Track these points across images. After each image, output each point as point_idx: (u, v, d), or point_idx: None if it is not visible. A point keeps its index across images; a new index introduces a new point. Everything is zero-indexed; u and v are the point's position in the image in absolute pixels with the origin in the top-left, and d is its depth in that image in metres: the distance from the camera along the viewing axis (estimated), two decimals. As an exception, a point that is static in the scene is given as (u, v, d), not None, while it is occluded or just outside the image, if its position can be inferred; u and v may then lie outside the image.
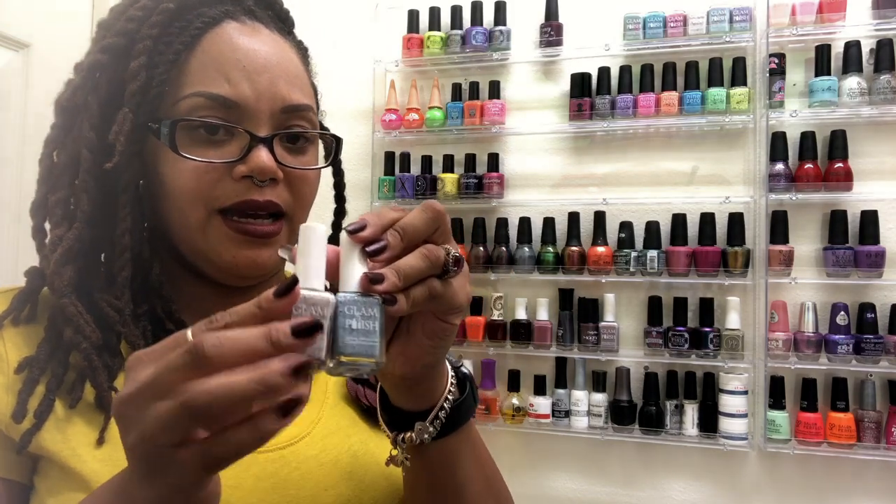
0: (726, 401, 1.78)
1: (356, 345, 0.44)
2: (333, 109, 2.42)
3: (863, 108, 1.73)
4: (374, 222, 0.48)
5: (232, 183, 0.61)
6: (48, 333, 0.61)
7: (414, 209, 0.50)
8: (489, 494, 0.64)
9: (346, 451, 0.65)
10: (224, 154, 0.61)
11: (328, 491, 0.62)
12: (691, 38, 1.86)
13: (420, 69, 2.13)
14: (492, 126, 2.03)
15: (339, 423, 0.67)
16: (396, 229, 0.48)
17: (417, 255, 0.47)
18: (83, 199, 0.62)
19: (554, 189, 2.02)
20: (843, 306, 1.73)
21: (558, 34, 1.98)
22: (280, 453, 0.61)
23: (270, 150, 0.62)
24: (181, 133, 0.61)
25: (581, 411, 1.90)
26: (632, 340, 1.93)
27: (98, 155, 0.62)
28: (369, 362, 0.45)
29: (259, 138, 0.61)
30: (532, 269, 1.96)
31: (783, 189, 1.78)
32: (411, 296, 0.47)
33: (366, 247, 0.47)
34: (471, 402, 0.59)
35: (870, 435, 1.69)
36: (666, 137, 1.94)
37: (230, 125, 0.61)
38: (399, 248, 0.47)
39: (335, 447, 0.65)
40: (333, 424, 0.66)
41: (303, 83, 0.69)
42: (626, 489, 1.93)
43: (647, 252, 1.86)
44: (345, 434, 0.66)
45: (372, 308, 0.45)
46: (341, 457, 0.65)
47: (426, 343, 0.52)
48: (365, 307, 0.45)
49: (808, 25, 1.78)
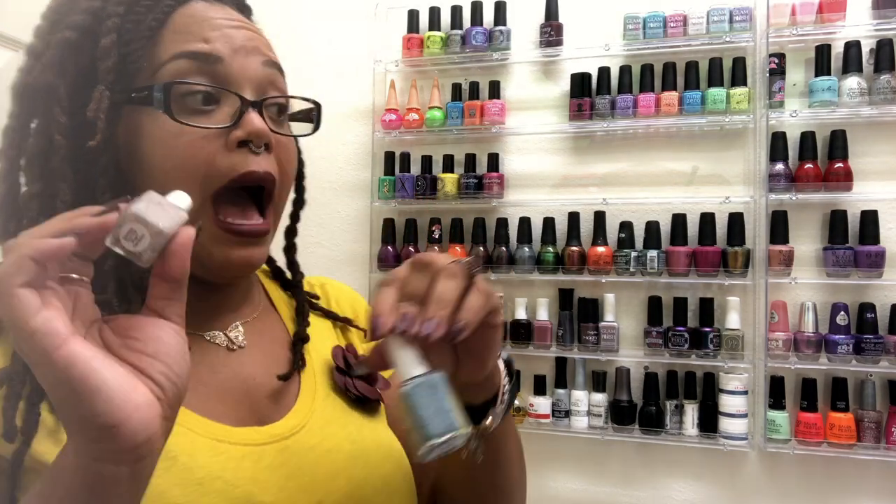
0: (726, 401, 1.78)
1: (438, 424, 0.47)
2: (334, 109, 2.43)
3: (863, 108, 1.73)
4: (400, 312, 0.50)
5: (227, 155, 0.59)
6: None
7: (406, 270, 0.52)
8: (523, 466, 0.73)
9: (345, 438, 0.66)
10: (213, 122, 0.59)
11: (339, 476, 0.63)
12: (691, 38, 1.86)
13: (420, 69, 2.13)
14: (492, 126, 2.03)
15: (333, 412, 0.67)
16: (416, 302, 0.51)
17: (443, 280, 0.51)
18: (62, 189, 0.58)
19: (554, 189, 2.02)
20: (843, 306, 1.73)
21: (558, 34, 1.98)
22: (284, 443, 0.62)
23: (261, 115, 0.60)
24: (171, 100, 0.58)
25: (581, 411, 1.90)
26: (632, 340, 1.93)
27: (73, 139, 0.58)
28: (458, 435, 0.47)
29: (250, 102, 0.60)
30: (532, 269, 1.96)
31: (783, 189, 1.78)
32: (462, 320, 0.50)
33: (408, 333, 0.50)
34: (517, 382, 0.63)
35: (870, 435, 1.69)
36: (666, 137, 1.94)
37: (221, 88, 0.59)
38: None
39: (334, 435, 0.66)
40: (328, 414, 0.67)
41: (274, 51, 0.67)
42: (626, 489, 1.93)
43: (647, 252, 1.86)
44: (340, 423, 0.67)
45: (434, 384, 0.48)
46: (342, 444, 0.65)
47: (483, 349, 0.55)
48: (428, 387, 0.48)
49: (808, 25, 1.78)
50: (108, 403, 0.40)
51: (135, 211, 0.43)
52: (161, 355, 0.44)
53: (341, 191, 2.22)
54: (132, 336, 0.44)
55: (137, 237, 0.44)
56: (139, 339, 0.44)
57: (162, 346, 0.44)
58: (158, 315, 0.45)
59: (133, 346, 0.44)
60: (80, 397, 0.39)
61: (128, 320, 0.45)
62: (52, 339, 0.39)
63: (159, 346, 0.44)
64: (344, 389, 0.70)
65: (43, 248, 0.40)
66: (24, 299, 0.39)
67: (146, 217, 0.44)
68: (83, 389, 0.39)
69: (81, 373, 0.39)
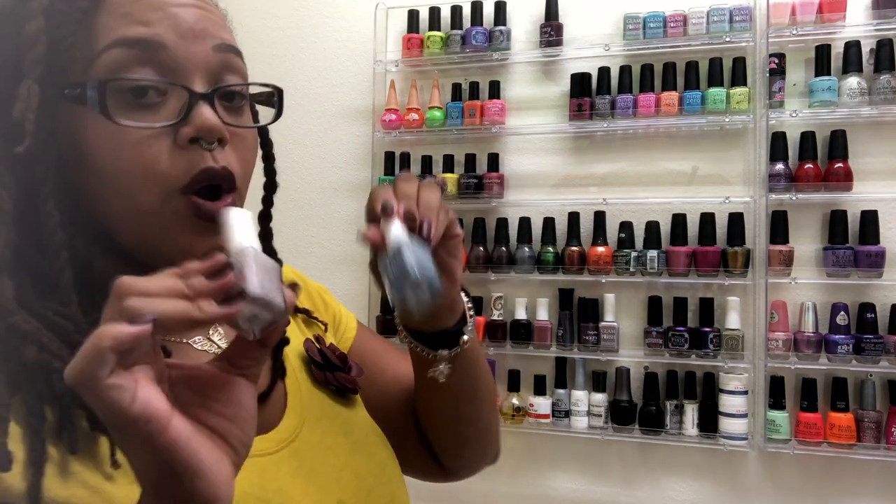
0: (726, 401, 1.78)
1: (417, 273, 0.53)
2: (333, 109, 2.43)
3: (863, 108, 1.73)
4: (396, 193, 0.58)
5: (178, 153, 0.52)
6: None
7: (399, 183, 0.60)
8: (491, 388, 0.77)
9: (339, 432, 0.66)
10: (159, 118, 0.52)
11: (345, 470, 0.63)
12: (691, 38, 1.86)
13: (420, 69, 2.13)
14: (492, 126, 2.03)
15: (321, 406, 0.67)
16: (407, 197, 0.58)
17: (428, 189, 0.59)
18: (2, 196, 0.51)
19: (554, 189, 2.02)
20: (843, 306, 1.73)
21: (558, 34, 1.98)
22: (293, 447, 0.61)
23: (212, 108, 0.53)
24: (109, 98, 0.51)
25: (581, 411, 1.90)
26: (632, 340, 1.93)
27: (4, 141, 0.51)
28: (435, 284, 0.53)
29: (198, 94, 0.53)
30: (532, 269, 1.96)
31: (783, 189, 1.78)
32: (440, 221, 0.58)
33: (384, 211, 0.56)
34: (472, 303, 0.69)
35: (870, 435, 1.69)
36: (666, 137, 1.94)
37: (166, 82, 0.52)
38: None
39: (329, 428, 0.65)
40: (317, 409, 0.66)
41: (230, 30, 0.59)
42: (626, 489, 1.93)
43: (647, 252, 1.86)
44: (329, 416, 0.67)
45: (419, 247, 0.54)
46: (338, 438, 0.65)
47: (453, 259, 0.62)
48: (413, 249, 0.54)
49: (808, 25, 1.78)
50: (206, 483, 0.39)
51: (258, 293, 0.41)
52: (239, 420, 0.42)
53: (341, 191, 2.22)
54: (211, 396, 0.42)
55: (259, 320, 0.42)
56: (218, 401, 0.42)
57: (241, 411, 0.43)
58: (242, 375, 0.43)
59: (213, 407, 0.42)
60: (181, 479, 0.38)
61: (207, 376, 0.43)
62: (155, 425, 0.37)
63: (238, 411, 0.43)
64: (324, 383, 0.69)
65: (119, 339, 0.37)
66: (115, 392, 0.36)
67: (269, 299, 0.41)
68: (185, 471, 0.38)
69: (184, 457, 0.38)
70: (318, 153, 2.25)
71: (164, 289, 0.40)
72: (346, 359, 0.72)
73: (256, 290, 0.41)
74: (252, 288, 0.41)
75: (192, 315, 0.39)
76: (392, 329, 2.03)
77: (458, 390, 0.69)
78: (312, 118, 2.25)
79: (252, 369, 0.44)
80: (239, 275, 0.41)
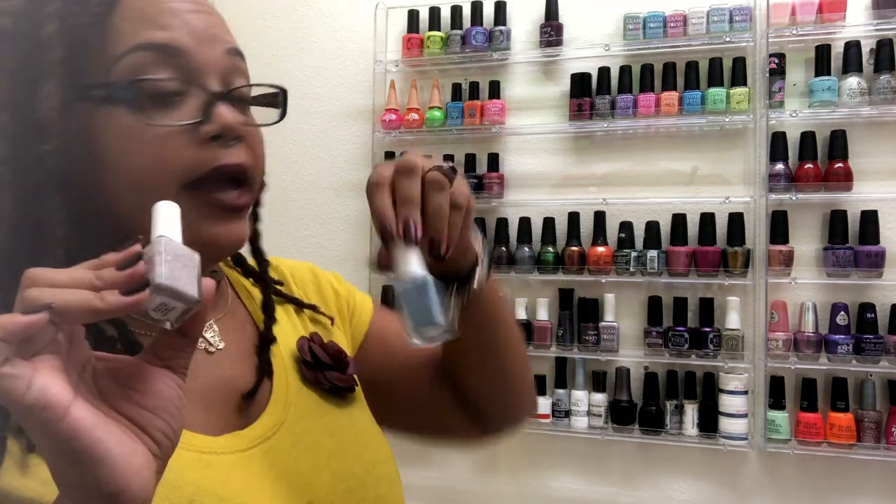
0: (726, 401, 1.78)
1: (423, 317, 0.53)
2: (333, 109, 2.43)
3: (863, 108, 1.73)
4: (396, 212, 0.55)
5: (199, 149, 0.55)
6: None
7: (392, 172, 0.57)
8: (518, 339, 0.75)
9: (323, 431, 0.65)
10: (179, 117, 0.55)
11: (322, 471, 0.63)
12: (691, 38, 1.86)
13: (420, 69, 2.13)
14: (492, 126, 2.03)
15: (308, 406, 0.66)
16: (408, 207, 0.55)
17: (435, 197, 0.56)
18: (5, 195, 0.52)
19: (554, 189, 2.02)
20: (843, 306, 1.73)
21: (558, 34, 1.98)
22: (268, 444, 0.61)
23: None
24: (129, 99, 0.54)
25: (581, 411, 1.90)
26: (632, 340, 1.93)
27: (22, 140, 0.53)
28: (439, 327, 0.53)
29: (218, 94, 0.56)
30: (532, 269, 1.96)
31: (783, 189, 1.78)
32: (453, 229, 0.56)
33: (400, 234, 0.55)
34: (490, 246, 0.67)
35: (870, 435, 1.69)
36: (666, 137, 1.94)
37: (190, 83, 0.56)
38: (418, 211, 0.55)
39: (312, 429, 0.65)
40: (303, 409, 0.66)
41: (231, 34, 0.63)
42: (626, 489, 1.93)
43: (647, 252, 1.86)
44: (316, 415, 0.66)
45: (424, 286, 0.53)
46: (321, 438, 0.65)
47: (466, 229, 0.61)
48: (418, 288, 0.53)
49: (808, 25, 1.78)
50: (111, 472, 0.38)
51: (165, 283, 0.40)
52: (161, 411, 0.42)
53: (341, 191, 2.22)
54: (133, 387, 0.42)
55: (168, 309, 0.42)
56: (140, 391, 0.42)
57: (163, 402, 0.42)
58: (166, 366, 0.43)
59: (133, 397, 0.42)
60: (82, 467, 0.38)
61: (128, 366, 0.43)
62: (52, 412, 0.37)
63: (160, 401, 0.42)
64: (315, 382, 0.68)
65: (10, 329, 0.36)
66: (8, 381, 0.36)
67: (178, 288, 0.41)
68: (86, 459, 0.38)
69: (85, 444, 0.37)
70: (318, 153, 2.25)
71: (71, 279, 0.40)
72: (343, 357, 0.71)
73: (164, 280, 0.40)
74: (159, 278, 0.40)
75: (94, 305, 0.38)
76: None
77: (480, 342, 0.70)
78: (312, 118, 2.25)
79: (177, 360, 0.44)
80: (148, 264, 0.40)
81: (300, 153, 2.24)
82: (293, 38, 2.27)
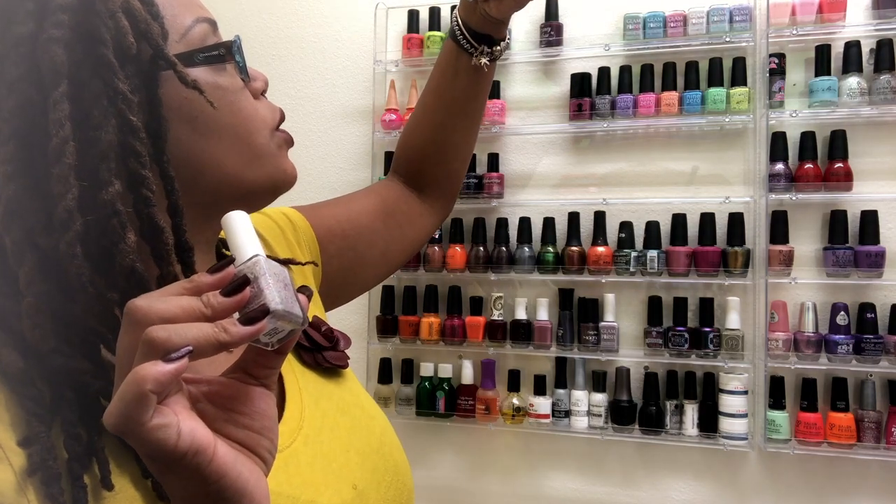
0: (726, 401, 1.78)
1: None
2: (333, 109, 2.42)
3: (863, 108, 1.73)
4: None
5: (259, 102, 0.63)
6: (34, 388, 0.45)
7: None
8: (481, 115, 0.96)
9: (336, 411, 0.66)
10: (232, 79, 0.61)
11: (350, 449, 0.63)
12: (691, 38, 1.86)
13: (420, 69, 2.13)
14: (492, 126, 2.03)
15: (316, 388, 0.66)
16: None
17: None
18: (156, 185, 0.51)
19: (554, 189, 2.02)
20: (843, 306, 1.73)
21: (558, 34, 1.98)
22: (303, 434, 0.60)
23: None
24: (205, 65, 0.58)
25: (581, 411, 1.90)
26: (632, 340, 1.93)
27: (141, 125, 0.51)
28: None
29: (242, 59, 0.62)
30: (532, 269, 1.96)
31: (783, 189, 1.78)
32: None
33: None
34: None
35: (870, 435, 1.69)
36: (666, 137, 1.94)
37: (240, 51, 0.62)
38: None
39: (328, 409, 0.65)
40: (314, 392, 0.66)
41: None
42: (625, 489, 1.93)
43: (647, 252, 1.86)
44: (326, 397, 0.66)
45: None
46: (337, 418, 0.65)
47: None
48: None
49: (808, 25, 1.78)
50: (251, 502, 0.39)
51: (280, 308, 0.39)
52: (266, 431, 0.42)
53: (341, 190, 2.21)
54: (237, 410, 0.41)
55: (277, 332, 0.41)
56: (245, 414, 0.41)
57: (268, 421, 0.42)
58: (261, 385, 0.43)
59: (240, 421, 0.41)
60: (228, 502, 0.38)
61: (226, 388, 0.42)
62: (203, 456, 0.37)
63: (266, 422, 0.42)
64: (314, 364, 0.68)
65: (162, 380, 0.36)
66: (160, 433, 0.36)
67: (291, 311, 0.40)
68: (232, 495, 0.38)
69: (232, 482, 0.38)
70: (318, 153, 2.25)
71: (182, 310, 0.38)
72: (332, 332, 0.72)
73: (278, 305, 0.39)
74: (274, 305, 0.39)
75: (221, 339, 0.38)
76: (392, 329, 2.03)
77: (476, 92, 0.89)
78: (312, 118, 2.25)
79: (270, 378, 0.43)
80: (256, 289, 0.39)
81: (300, 153, 2.24)
82: (293, 38, 2.27)
